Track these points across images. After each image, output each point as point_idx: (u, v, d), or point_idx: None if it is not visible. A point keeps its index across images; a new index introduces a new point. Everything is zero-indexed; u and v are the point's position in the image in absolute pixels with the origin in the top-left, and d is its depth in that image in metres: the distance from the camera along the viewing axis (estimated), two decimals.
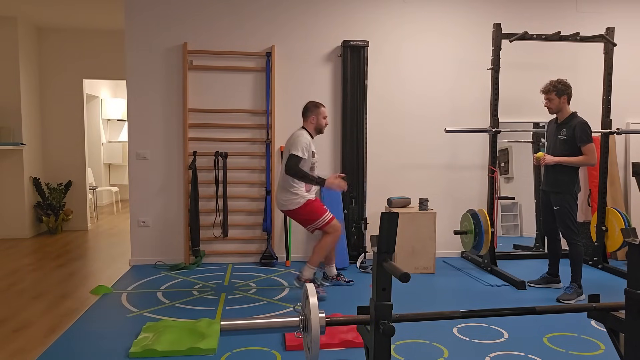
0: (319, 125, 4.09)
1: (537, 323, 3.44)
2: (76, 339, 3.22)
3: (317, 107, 4.07)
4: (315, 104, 4.09)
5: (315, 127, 4.08)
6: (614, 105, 4.92)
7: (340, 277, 4.40)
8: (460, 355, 2.98)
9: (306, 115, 4.09)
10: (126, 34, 5.02)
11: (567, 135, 4.01)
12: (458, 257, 5.50)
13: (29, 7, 5.99)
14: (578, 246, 4.05)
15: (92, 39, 6.94)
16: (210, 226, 5.15)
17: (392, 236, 1.86)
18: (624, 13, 5.54)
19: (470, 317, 2.41)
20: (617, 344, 2.22)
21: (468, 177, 5.46)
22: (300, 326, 1.99)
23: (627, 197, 5.62)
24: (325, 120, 4.11)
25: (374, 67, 5.25)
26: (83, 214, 7.18)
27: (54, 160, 6.98)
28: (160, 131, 5.10)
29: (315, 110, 4.06)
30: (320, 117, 4.07)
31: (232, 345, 3.04)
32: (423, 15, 5.34)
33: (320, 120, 4.07)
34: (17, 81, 6.40)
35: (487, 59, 4.83)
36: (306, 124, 4.09)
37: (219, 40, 5.09)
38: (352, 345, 3.05)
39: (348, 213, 5.19)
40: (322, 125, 4.10)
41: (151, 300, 3.97)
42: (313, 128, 4.08)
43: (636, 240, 2.09)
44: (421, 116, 5.38)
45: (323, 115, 4.08)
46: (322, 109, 4.09)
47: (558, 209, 4.05)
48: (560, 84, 4.04)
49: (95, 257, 5.63)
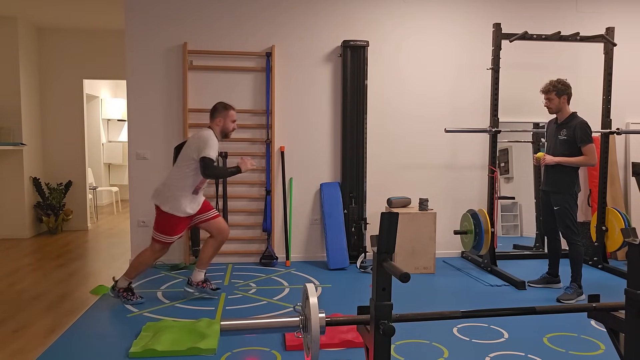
0: (225, 129, 3.82)
1: (537, 323, 3.44)
2: (76, 339, 3.22)
3: (226, 109, 3.80)
4: (224, 105, 3.82)
5: (221, 130, 3.81)
6: (614, 105, 4.92)
7: (207, 284, 4.01)
8: (460, 355, 2.98)
9: (213, 115, 3.81)
10: (126, 34, 5.02)
11: (567, 136, 4.01)
12: (458, 257, 5.50)
13: (29, 7, 5.99)
14: (578, 246, 4.05)
15: (92, 39, 6.94)
16: None
17: (392, 236, 1.86)
18: (624, 13, 5.54)
19: (470, 317, 2.41)
20: (617, 344, 2.22)
21: (468, 177, 5.46)
22: (300, 326, 1.99)
23: (627, 197, 5.62)
24: (233, 125, 3.84)
25: (374, 67, 5.25)
26: (83, 214, 7.18)
27: (54, 160, 6.98)
28: (160, 131, 5.10)
29: (224, 112, 3.79)
30: (228, 120, 3.80)
31: (232, 345, 3.04)
32: (423, 15, 5.34)
33: (227, 123, 3.81)
34: (17, 81, 6.40)
35: (487, 59, 4.83)
36: (212, 124, 3.81)
37: (219, 40, 5.09)
38: (352, 345, 3.05)
39: (348, 213, 5.19)
40: (229, 130, 3.83)
41: (151, 300, 3.97)
42: (219, 130, 3.81)
43: (636, 240, 2.09)
44: (421, 116, 5.38)
45: (232, 119, 3.81)
46: (232, 111, 3.82)
47: (558, 209, 4.05)
48: (560, 84, 4.04)
49: (95, 257, 5.63)
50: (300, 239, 5.31)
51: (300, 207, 5.28)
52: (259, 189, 5.23)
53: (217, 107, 3.84)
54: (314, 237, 5.33)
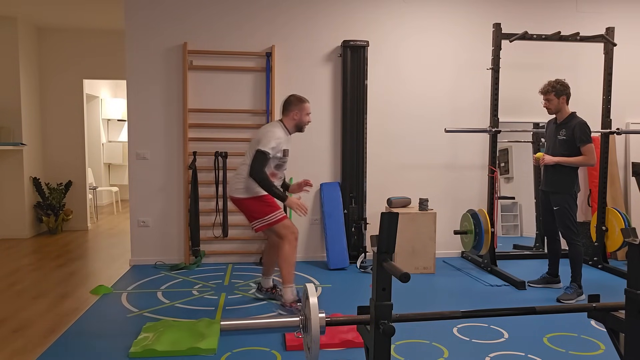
0: (300, 122, 3.67)
1: (537, 323, 3.44)
2: (76, 339, 3.22)
3: (301, 101, 3.65)
4: (299, 98, 3.68)
5: (296, 124, 3.67)
6: (614, 105, 4.92)
7: (276, 291, 3.94)
8: (460, 355, 2.98)
9: (288, 109, 3.66)
10: (126, 34, 5.02)
11: (566, 136, 4.01)
12: (458, 257, 5.50)
13: (29, 7, 5.99)
14: (578, 246, 4.05)
15: (92, 39, 6.94)
16: (210, 226, 5.14)
17: (392, 236, 1.86)
18: (624, 13, 5.54)
19: (470, 317, 2.41)
20: (617, 344, 2.22)
21: (468, 177, 5.46)
22: (300, 326, 1.99)
23: (627, 197, 5.62)
24: (308, 117, 3.69)
25: (374, 67, 5.25)
26: (83, 214, 7.18)
27: (54, 160, 6.98)
28: (160, 131, 5.10)
29: (300, 105, 3.64)
30: (304, 113, 3.65)
31: (232, 345, 3.04)
32: (423, 15, 5.34)
33: (303, 116, 3.65)
34: (17, 81, 6.40)
35: (487, 59, 4.83)
36: (286, 119, 3.67)
37: (219, 40, 5.09)
38: (352, 345, 3.05)
39: (348, 213, 5.19)
40: (305, 123, 3.68)
41: (151, 300, 3.97)
42: (294, 124, 3.67)
43: (636, 240, 2.09)
44: (421, 116, 5.38)
45: (307, 112, 3.66)
46: (307, 104, 3.67)
47: (558, 209, 4.05)
48: (558, 84, 4.04)
49: (95, 257, 5.63)
50: (300, 239, 5.27)
51: None
52: None
53: (292, 100, 3.67)
54: (314, 237, 5.33)
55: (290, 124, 3.67)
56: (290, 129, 3.69)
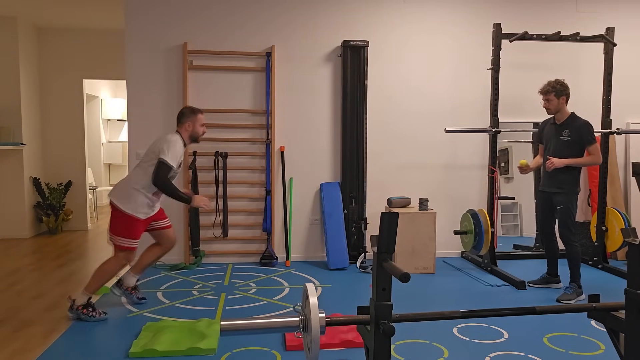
0: (194, 134, 3.69)
1: (537, 323, 3.44)
2: (76, 339, 3.22)
3: (194, 113, 3.68)
4: (192, 109, 3.71)
5: (190, 135, 3.69)
6: (614, 105, 4.92)
7: (135, 292, 3.88)
8: (460, 355, 2.98)
9: (181, 120, 3.67)
10: (126, 34, 5.02)
11: (570, 136, 4.00)
12: (458, 257, 5.50)
13: (29, 7, 5.99)
14: (575, 246, 4.04)
15: (92, 39, 6.94)
16: (210, 226, 5.14)
17: (392, 236, 1.86)
18: (624, 13, 5.54)
19: (470, 317, 2.41)
20: (617, 344, 2.22)
21: (468, 177, 5.46)
22: (300, 326, 1.99)
23: (627, 197, 5.62)
24: (202, 129, 3.72)
25: (374, 67, 5.25)
26: (83, 214, 7.18)
27: (54, 160, 6.98)
28: (160, 131, 5.07)
29: (192, 117, 3.66)
30: (197, 124, 3.68)
31: (232, 345, 3.04)
32: (423, 15, 5.34)
33: (197, 127, 3.68)
34: (17, 81, 6.40)
35: (487, 59, 4.83)
36: (181, 129, 3.67)
37: (219, 40, 5.09)
38: (352, 345, 3.05)
39: (348, 213, 5.19)
40: (199, 134, 3.71)
41: (151, 300, 3.97)
42: (188, 135, 3.68)
43: (636, 240, 2.09)
44: (421, 116, 5.38)
45: (200, 123, 3.69)
46: (200, 115, 3.70)
47: (561, 208, 4.04)
48: (558, 85, 4.04)
49: (95, 257, 5.62)
50: (300, 239, 5.31)
51: (300, 207, 5.28)
52: (259, 189, 5.23)
53: (185, 111, 3.72)
54: (314, 237, 5.33)
55: (185, 135, 3.69)
56: (186, 140, 3.70)
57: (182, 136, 3.67)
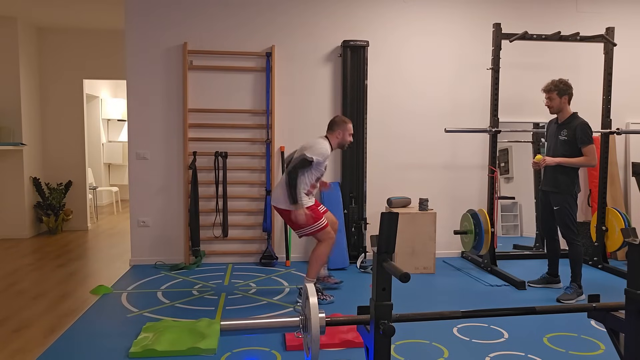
0: (343, 141, 4.00)
1: (537, 323, 3.44)
2: (76, 339, 3.22)
3: (345, 122, 3.99)
4: (343, 119, 4.02)
5: (339, 142, 4.00)
6: (614, 105, 4.92)
7: (329, 279, 4.27)
8: (460, 355, 2.98)
9: (332, 128, 4.00)
10: (126, 34, 5.02)
11: (567, 136, 4.01)
12: (458, 257, 5.50)
13: (29, 7, 5.99)
14: (577, 246, 4.05)
15: (92, 39, 6.94)
16: (210, 226, 5.15)
17: (392, 236, 1.86)
18: (624, 13, 5.54)
19: (470, 317, 2.41)
20: (617, 344, 2.22)
21: (468, 177, 5.46)
22: (300, 326, 1.99)
23: (627, 197, 5.62)
24: (350, 138, 4.02)
25: (374, 67, 5.25)
26: (83, 214, 7.18)
27: (54, 160, 6.98)
28: (160, 131, 5.10)
29: (343, 126, 3.98)
30: (347, 133, 3.99)
31: (232, 345, 3.04)
32: (423, 15, 5.34)
33: (346, 136, 3.99)
34: (17, 81, 6.40)
35: (487, 58, 4.83)
36: (331, 136, 3.99)
37: (219, 40, 5.09)
38: (352, 345, 3.05)
39: (348, 213, 5.19)
40: (347, 142, 4.02)
41: (151, 300, 3.97)
42: (337, 143, 3.99)
43: (636, 240, 2.09)
44: (421, 116, 5.38)
45: (349, 132, 4.00)
46: (349, 125, 4.01)
47: (558, 209, 4.05)
48: (562, 84, 4.04)
49: (95, 257, 5.63)
50: (300, 239, 5.30)
51: None
52: (259, 189, 5.23)
53: (337, 120, 4.01)
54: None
55: (334, 142, 3.99)
56: (334, 146, 3.99)
57: (331, 142, 3.97)
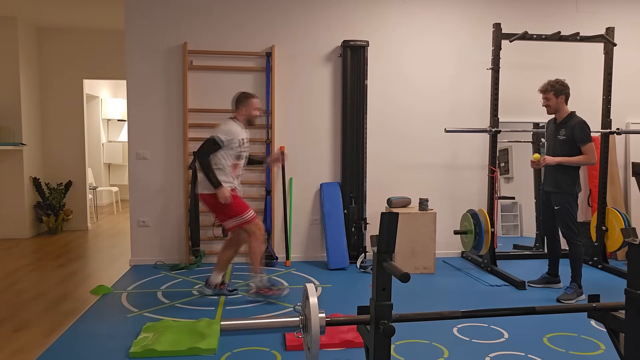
0: (249, 116, 4.00)
1: (537, 323, 3.44)
2: (76, 339, 3.22)
3: (247, 97, 4.00)
4: (246, 94, 4.03)
5: (246, 118, 4.00)
6: (614, 105, 4.92)
7: (223, 286, 4.09)
8: (460, 355, 2.98)
9: (236, 106, 4.01)
10: (126, 34, 5.02)
11: (566, 135, 4.01)
12: (458, 257, 5.50)
13: (29, 7, 5.99)
14: (578, 246, 4.05)
15: (92, 39, 6.94)
16: (210, 226, 5.14)
17: (392, 236, 1.86)
18: (624, 13, 5.54)
19: (470, 317, 2.41)
20: (617, 344, 2.22)
21: (468, 177, 5.46)
22: (300, 326, 1.99)
23: (627, 197, 5.62)
24: (256, 112, 4.03)
25: (374, 67, 5.25)
26: (83, 214, 7.17)
27: (54, 160, 6.98)
28: (160, 131, 5.10)
29: (246, 102, 3.98)
30: (251, 108, 3.99)
31: (232, 345, 3.04)
32: (423, 15, 5.34)
33: (251, 111, 3.99)
34: (17, 81, 6.40)
35: (487, 58, 4.83)
36: (237, 114, 4.00)
37: (219, 40, 5.09)
38: (352, 345, 3.05)
39: (348, 213, 5.19)
40: (253, 117, 4.02)
41: (151, 300, 3.97)
42: (244, 119, 3.99)
43: (636, 240, 2.09)
44: (421, 116, 5.38)
45: (254, 107, 4.01)
46: (253, 99, 4.01)
47: (558, 208, 4.05)
48: (558, 84, 4.04)
49: (95, 257, 5.63)
50: (300, 239, 5.31)
51: (300, 207, 5.28)
52: (259, 189, 5.23)
53: (239, 97, 4.01)
54: (314, 237, 5.33)
55: (241, 119, 3.99)
56: (243, 124, 3.99)
57: (239, 120, 3.98)
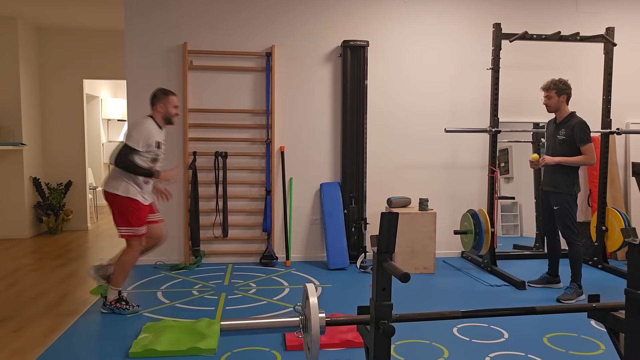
0: (167, 114, 3.71)
1: (537, 323, 3.44)
2: (76, 339, 3.22)
3: (166, 94, 3.71)
4: (163, 91, 3.73)
5: (163, 117, 3.71)
6: (614, 105, 4.92)
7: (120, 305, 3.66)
8: (460, 355, 2.98)
9: (153, 103, 3.71)
10: (126, 34, 5.02)
11: (566, 135, 4.01)
12: (458, 257, 5.50)
13: (29, 7, 5.99)
14: (578, 246, 4.05)
15: (92, 39, 6.94)
16: (210, 226, 5.14)
17: (392, 236, 1.86)
18: (624, 13, 5.54)
19: (470, 317, 2.41)
20: (617, 344, 2.22)
21: (468, 177, 5.46)
22: (300, 326, 1.99)
23: (627, 197, 5.62)
24: (175, 110, 3.74)
25: (374, 67, 5.25)
26: (83, 214, 7.18)
27: (54, 160, 6.98)
28: None
29: (164, 98, 3.69)
30: (170, 105, 3.70)
31: (232, 345, 3.04)
32: (423, 15, 5.34)
33: (169, 109, 3.70)
34: (17, 81, 6.40)
35: (487, 58, 4.83)
36: (154, 112, 3.71)
37: (219, 40, 5.09)
38: (352, 345, 3.05)
39: (348, 213, 5.19)
40: (172, 115, 3.73)
41: (151, 300, 3.97)
42: (161, 117, 3.71)
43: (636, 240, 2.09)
44: (421, 116, 5.38)
45: (173, 104, 3.71)
46: (172, 97, 3.72)
47: (558, 208, 4.05)
48: (561, 83, 4.05)
49: (95, 257, 5.63)
50: (300, 239, 5.31)
51: (300, 207, 5.28)
52: (259, 189, 5.23)
53: (157, 94, 3.72)
54: (314, 237, 5.33)
55: (158, 117, 3.72)
56: (160, 123, 3.73)
57: (155, 118, 3.70)
